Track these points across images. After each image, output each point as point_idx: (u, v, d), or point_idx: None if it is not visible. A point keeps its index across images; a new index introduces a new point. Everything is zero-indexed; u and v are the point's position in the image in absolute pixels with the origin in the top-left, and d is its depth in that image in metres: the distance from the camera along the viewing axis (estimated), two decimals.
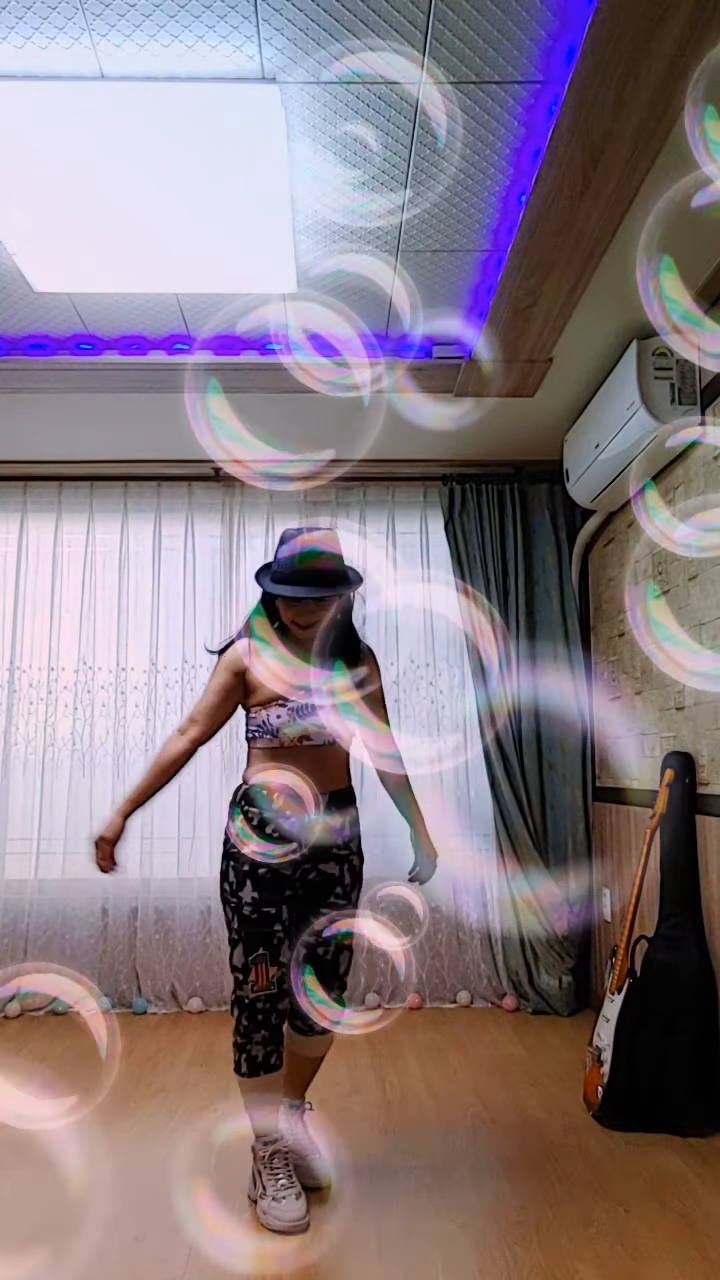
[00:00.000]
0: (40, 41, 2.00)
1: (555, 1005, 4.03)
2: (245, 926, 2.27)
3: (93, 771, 4.24)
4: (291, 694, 2.31)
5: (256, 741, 2.35)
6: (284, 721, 2.31)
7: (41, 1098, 3.05)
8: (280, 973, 2.26)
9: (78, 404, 3.68)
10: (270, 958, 2.25)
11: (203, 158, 2.32)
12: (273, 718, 2.31)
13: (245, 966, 2.25)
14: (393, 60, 2.07)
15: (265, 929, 2.26)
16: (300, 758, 2.31)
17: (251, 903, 2.27)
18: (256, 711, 2.35)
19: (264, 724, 2.32)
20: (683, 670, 3.16)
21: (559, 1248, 2.10)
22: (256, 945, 2.25)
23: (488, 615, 4.19)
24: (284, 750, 2.31)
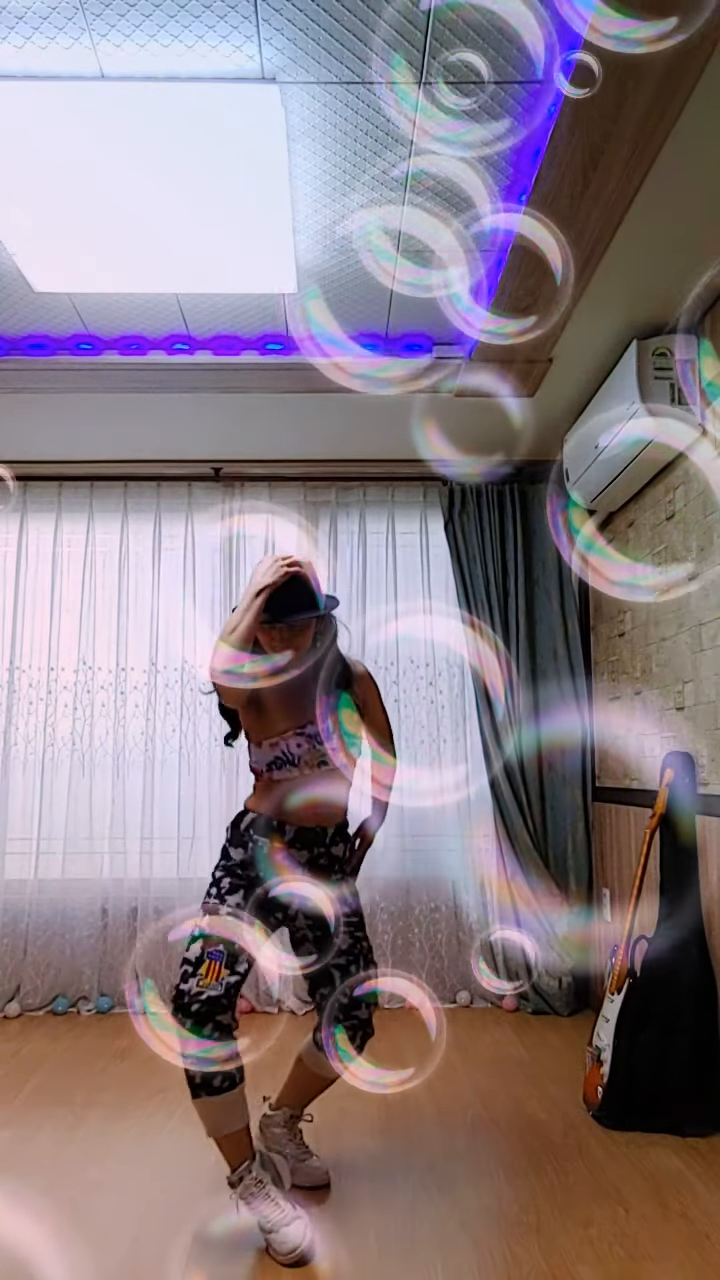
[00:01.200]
0: (40, 41, 2.00)
1: (555, 1005, 4.03)
2: (217, 926, 2.22)
3: (93, 771, 4.24)
4: (313, 715, 2.31)
5: (274, 774, 2.33)
6: (304, 750, 2.31)
7: (41, 1098, 3.05)
8: (233, 981, 2.15)
9: (78, 404, 3.68)
10: (227, 962, 2.16)
11: (203, 158, 2.32)
12: (292, 746, 2.31)
13: (198, 960, 2.16)
14: (393, 60, 2.07)
15: (235, 930, 2.22)
16: (315, 782, 2.32)
17: (235, 907, 2.24)
18: (273, 744, 2.32)
19: (283, 755, 2.31)
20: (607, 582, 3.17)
21: (559, 1248, 2.10)
22: (218, 943, 2.18)
23: (494, 647, 4.18)
24: (301, 779, 2.32)
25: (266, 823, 2.31)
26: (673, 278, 2.86)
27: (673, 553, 3.33)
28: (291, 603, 2.23)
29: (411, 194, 2.53)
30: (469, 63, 2.04)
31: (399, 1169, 2.51)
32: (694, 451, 3.16)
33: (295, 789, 2.31)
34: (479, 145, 2.29)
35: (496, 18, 1.95)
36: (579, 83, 1.98)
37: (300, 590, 2.25)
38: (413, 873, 4.20)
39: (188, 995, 2.14)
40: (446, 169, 2.42)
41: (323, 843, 2.35)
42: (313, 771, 2.32)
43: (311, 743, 2.31)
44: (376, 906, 4.17)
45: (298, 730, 2.31)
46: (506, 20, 1.95)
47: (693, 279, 2.84)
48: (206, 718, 4.27)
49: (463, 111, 2.17)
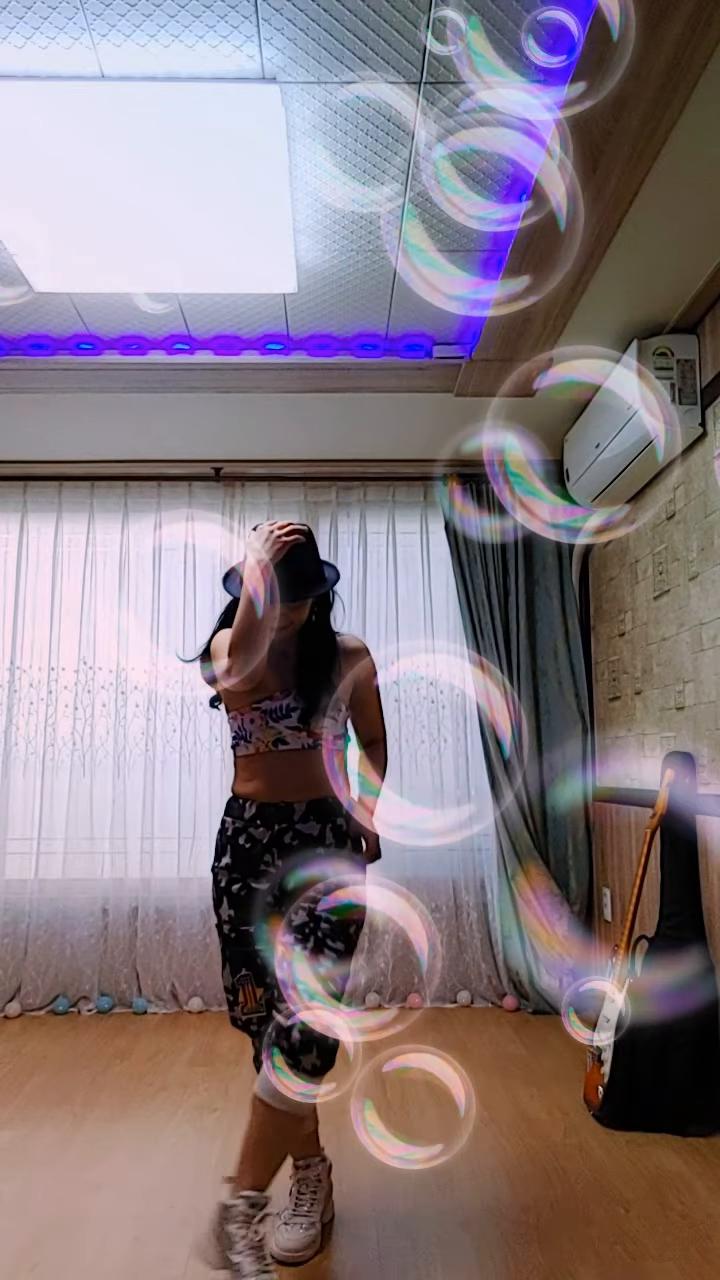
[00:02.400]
0: (40, 41, 2.01)
1: (555, 1005, 4.03)
2: (228, 946, 2.14)
3: (93, 771, 4.24)
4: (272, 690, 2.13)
5: (237, 749, 2.21)
6: (257, 726, 2.14)
7: (41, 1098, 3.05)
8: (269, 994, 2.07)
9: (78, 404, 3.69)
10: (255, 978, 2.09)
11: (203, 158, 2.32)
12: (247, 723, 2.15)
13: (232, 988, 2.13)
14: (393, 59, 2.07)
15: (246, 949, 2.10)
16: (275, 764, 2.14)
17: (230, 922, 2.13)
18: (234, 717, 2.19)
19: (240, 730, 2.17)
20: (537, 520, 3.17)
21: (559, 1248, 2.09)
22: (239, 966, 2.11)
23: (501, 688, 4.17)
24: (259, 757, 2.15)
25: (234, 801, 2.19)
26: (673, 278, 2.86)
27: (673, 552, 3.33)
28: (297, 579, 2.05)
29: (412, 193, 2.53)
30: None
31: (399, 1169, 2.51)
32: (694, 451, 3.16)
33: (252, 766, 2.16)
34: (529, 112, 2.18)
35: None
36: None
37: (304, 562, 2.07)
38: (413, 873, 4.20)
39: (239, 1021, 2.14)
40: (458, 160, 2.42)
41: (288, 819, 2.12)
42: (269, 750, 2.13)
43: (265, 719, 2.13)
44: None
45: (254, 705, 2.13)
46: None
47: (693, 279, 2.84)
48: (207, 718, 4.27)
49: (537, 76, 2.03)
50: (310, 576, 2.09)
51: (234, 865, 2.12)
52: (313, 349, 3.37)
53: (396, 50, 2.04)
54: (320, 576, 2.12)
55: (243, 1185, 1.90)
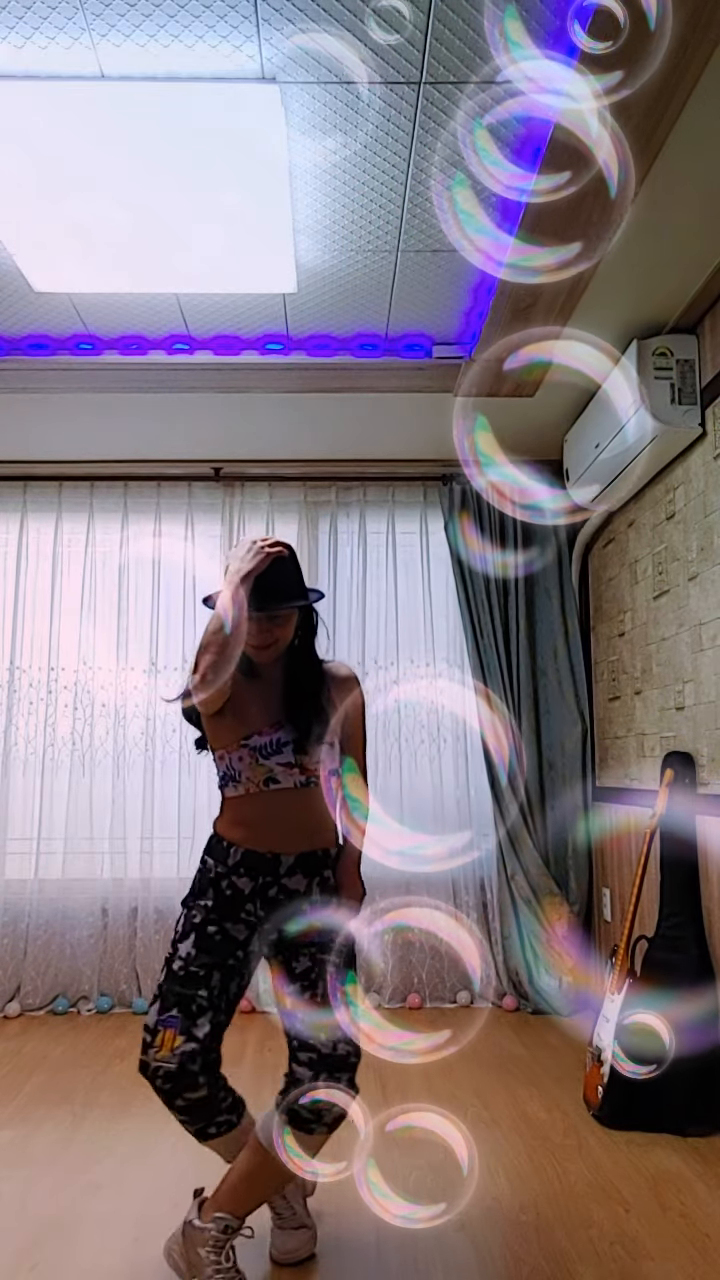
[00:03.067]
0: (40, 41, 2.00)
1: (555, 1005, 4.03)
2: (169, 982, 1.96)
3: (93, 771, 4.24)
4: (260, 726, 2.03)
5: (225, 790, 2.08)
6: (246, 765, 2.03)
7: (41, 1098, 3.05)
8: (189, 1049, 1.88)
9: (78, 404, 3.69)
10: (182, 1027, 1.90)
11: (203, 158, 2.32)
12: (234, 760, 2.04)
13: (152, 1029, 1.93)
14: (393, 59, 2.07)
15: (188, 990, 1.93)
16: (266, 808, 2.02)
17: (184, 959, 1.96)
18: (221, 757, 2.06)
19: (229, 770, 2.05)
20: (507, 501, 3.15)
21: (559, 1248, 2.09)
22: (171, 1007, 1.93)
23: (501, 716, 4.17)
24: (249, 799, 2.03)
25: (216, 842, 2.06)
26: (673, 278, 2.86)
27: (673, 552, 3.33)
28: (276, 590, 1.96)
29: (412, 193, 2.53)
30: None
31: (399, 1169, 2.51)
32: (694, 451, 3.16)
33: (241, 809, 2.04)
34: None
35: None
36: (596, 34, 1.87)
37: (285, 575, 1.99)
38: (413, 873, 4.19)
39: (149, 1069, 1.92)
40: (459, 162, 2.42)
41: (274, 872, 2.01)
42: (259, 790, 2.02)
43: (254, 757, 2.01)
44: (377, 907, 4.17)
45: (242, 742, 2.02)
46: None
47: (693, 279, 2.84)
48: None
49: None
50: (290, 589, 1.99)
51: (214, 908, 2.00)
52: (312, 349, 3.37)
53: (396, 50, 2.04)
54: (300, 591, 2.02)
55: (219, 1208, 1.92)
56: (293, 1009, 1.96)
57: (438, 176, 2.44)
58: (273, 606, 1.96)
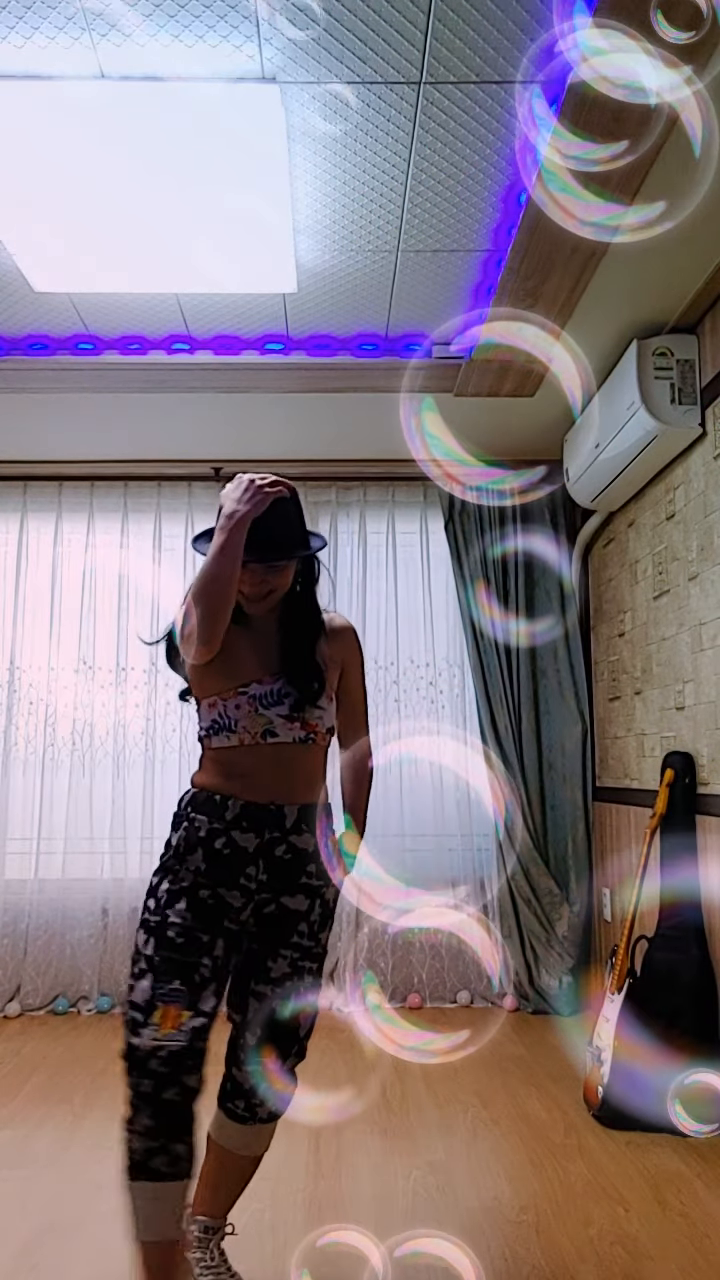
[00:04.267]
0: (40, 41, 2.00)
1: (555, 1005, 4.03)
2: (163, 950, 1.71)
3: (93, 771, 4.24)
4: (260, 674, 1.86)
5: (211, 740, 1.86)
6: (243, 713, 1.83)
7: (41, 1098, 3.05)
8: (198, 1024, 1.68)
9: (78, 404, 3.69)
10: (187, 999, 1.68)
11: (203, 158, 2.32)
12: (230, 708, 1.83)
13: (149, 1004, 1.67)
14: (393, 60, 2.07)
15: (190, 958, 1.71)
16: (263, 759, 1.83)
17: (180, 924, 1.73)
18: (213, 703, 1.85)
19: (220, 718, 1.84)
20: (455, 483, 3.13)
21: (559, 1248, 2.09)
22: (171, 977, 1.68)
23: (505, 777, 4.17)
24: (243, 750, 1.83)
25: (207, 797, 1.82)
26: (673, 278, 2.86)
27: (672, 552, 3.33)
28: (277, 537, 1.78)
29: (412, 193, 2.53)
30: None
31: (399, 1169, 2.51)
32: (694, 451, 3.16)
33: (235, 760, 1.84)
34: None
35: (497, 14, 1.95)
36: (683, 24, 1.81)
37: (287, 520, 1.81)
38: (413, 872, 4.19)
39: (141, 1051, 1.65)
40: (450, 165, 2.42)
41: (280, 825, 1.81)
42: (255, 742, 1.82)
43: (254, 705, 1.82)
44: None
45: (239, 689, 1.83)
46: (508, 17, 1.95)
47: (693, 279, 2.83)
48: None
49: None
50: (291, 537, 1.82)
51: (207, 871, 1.77)
52: (312, 349, 3.37)
53: (396, 50, 2.04)
54: (303, 538, 1.84)
55: (199, 1211, 1.88)
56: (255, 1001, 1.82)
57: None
58: (272, 557, 1.78)
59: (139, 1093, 1.65)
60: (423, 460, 1.73)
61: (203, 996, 1.70)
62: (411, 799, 4.23)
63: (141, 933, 1.75)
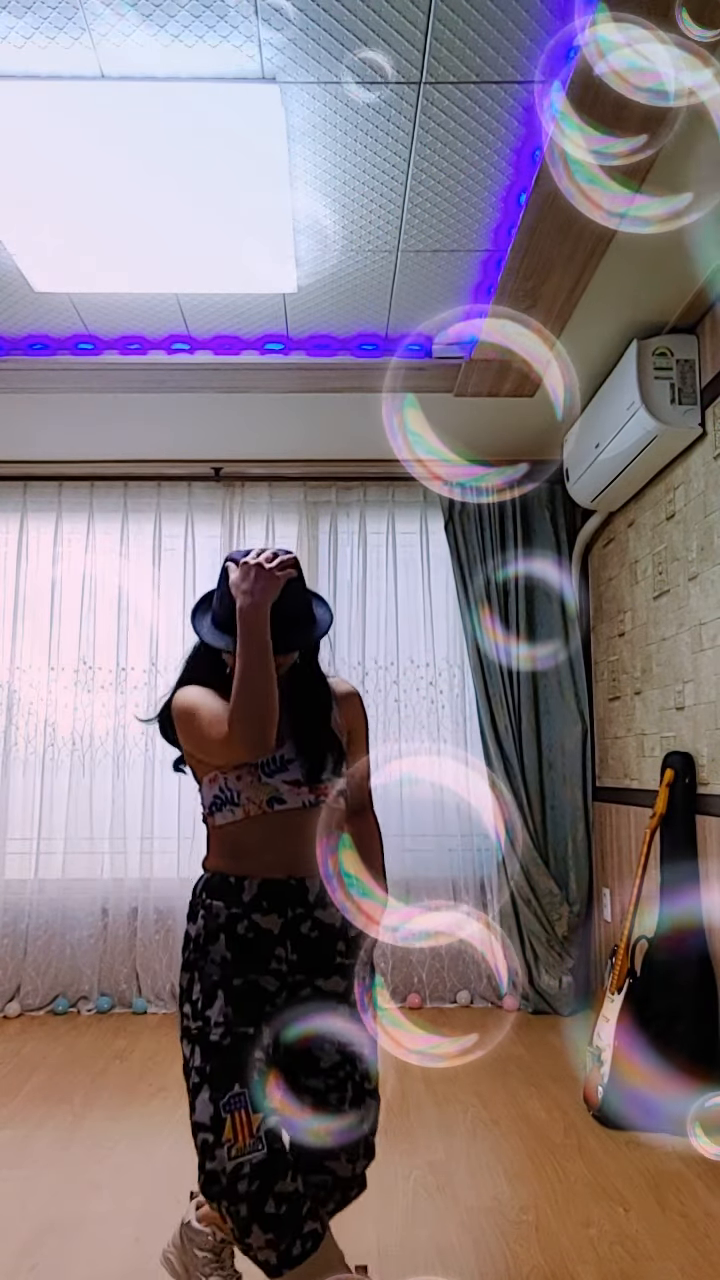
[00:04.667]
0: (40, 41, 2.00)
1: (555, 1005, 4.03)
2: (212, 1058, 1.58)
3: (93, 771, 4.24)
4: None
5: (215, 818, 1.77)
6: (246, 785, 1.74)
7: (41, 1098, 3.05)
8: (272, 1124, 1.57)
9: (78, 404, 3.69)
10: (251, 1100, 1.55)
11: (203, 158, 2.32)
12: (231, 780, 1.74)
13: (215, 1119, 1.54)
14: (393, 60, 2.07)
15: (242, 1057, 1.58)
16: (272, 830, 1.73)
17: (222, 1023, 1.60)
18: (212, 780, 1.77)
19: (222, 792, 1.75)
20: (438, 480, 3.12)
21: (559, 1248, 2.09)
22: (230, 1082, 1.56)
23: (500, 794, 4.16)
24: (249, 823, 1.73)
25: (221, 880, 1.73)
26: (673, 278, 2.86)
27: (672, 553, 3.33)
28: (291, 617, 1.72)
29: (412, 193, 2.53)
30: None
31: (399, 1169, 2.51)
32: (694, 451, 3.16)
33: (242, 836, 1.74)
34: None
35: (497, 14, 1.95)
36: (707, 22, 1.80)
37: (297, 597, 1.75)
38: (413, 872, 4.20)
39: (225, 1175, 1.51)
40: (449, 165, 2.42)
41: (303, 901, 1.72)
42: (261, 813, 1.73)
43: (255, 775, 1.73)
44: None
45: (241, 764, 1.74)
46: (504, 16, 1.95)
47: (693, 279, 2.83)
48: None
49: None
50: (305, 618, 1.76)
51: (233, 961, 1.66)
52: (312, 349, 3.37)
53: (396, 50, 2.04)
54: (312, 616, 1.78)
55: (211, 1217, 1.83)
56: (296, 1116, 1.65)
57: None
58: (297, 644, 1.73)
59: (241, 1218, 1.51)
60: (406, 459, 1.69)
61: (266, 1093, 1.58)
62: (412, 799, 4.23)
63: (185, 1043, 1.64)
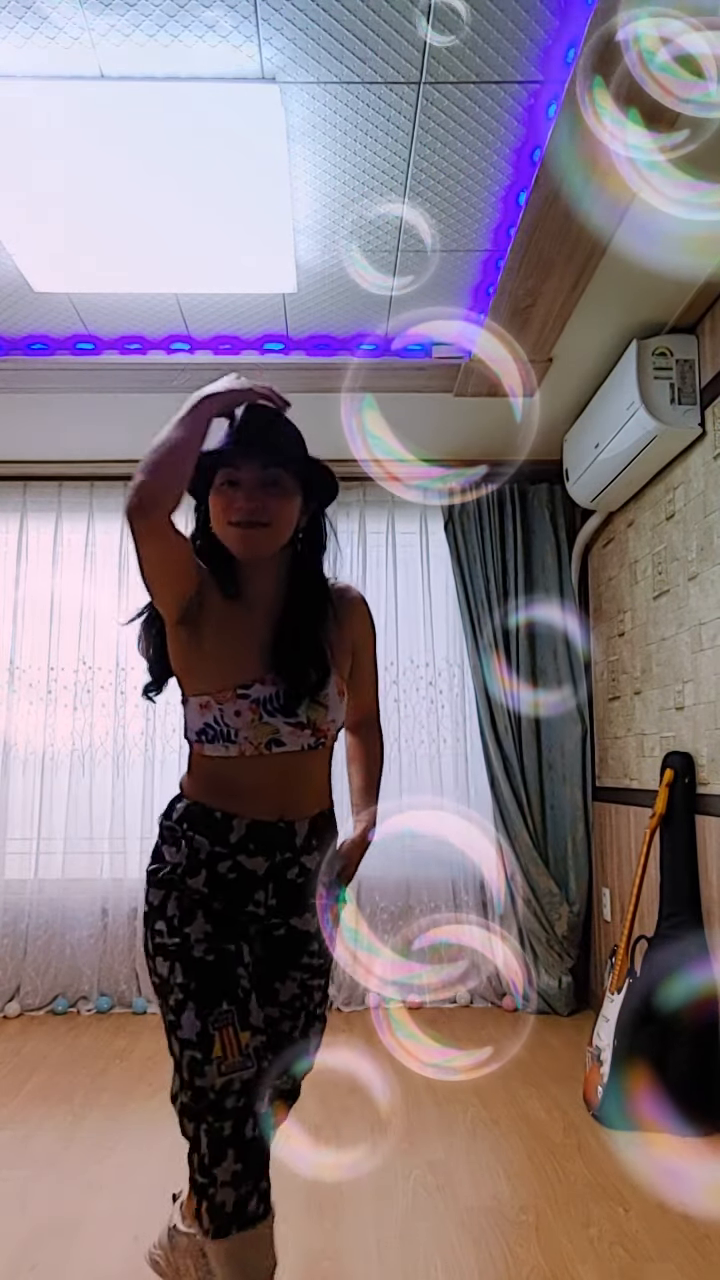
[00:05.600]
0: (40, 41, 2.00)
1: (555, 1005, 4.03)
2: (196, 974, 1.50)
3: (93, 771, 4.24)
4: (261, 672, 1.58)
5: (205, 747, 1.61)
6: (245, 721, 1.56)
7: (41, 1098, 3.05)
8: (259, 1043, 1.50)
9: (78, 404, 3.69)
10: (240, 1018, 1.48)
11: (203, 158, 2.32)
12: (228, 714, 1.57)
13: (203, 1036, 1.46)
14: (393, 60, 2.07)
15: (227, 973, 1.51)
16: (269, 772, 1.59)
17: (204, 939, 1.53)
18: (205, 705, 1.59)
19: (216, 724, 1.57)
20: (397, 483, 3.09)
21: (559, 1248, 2.09)
22: (217, 999, 1.48)
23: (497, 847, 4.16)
24: (244, 762, 1.58)
25: (206, 814, 1.59)
26: (672, 278, 2.86)
27: (672, 553, 3.33)
28: (266, 438, 1.54)
29: (412, 193, 2.53)
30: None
31: (399, 1169, 2.51)
32: (693, 451, 3.16)
33: (234, 774, 1.60)
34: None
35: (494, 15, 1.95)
36: None
37: (283, 431, 1.58)
38: (413, 872, 4.20)
39: (212, 1092, 1.45)
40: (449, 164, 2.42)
41: (290, 845, 1.60)
42: (258, 754, 1.57)
43: (257, 711, 1.56)
44: (377, 907, 4.17)
45: (239, 690, 1.56)
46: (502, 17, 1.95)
47: (693, 279, 2.83)
48: None
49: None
50: (285, 441, 1.59)
51: (212, 893, 1.57)
52: (312, 349, 3.37)
53: (396, 50, 2.04)
54: (298, 445, 1.61)
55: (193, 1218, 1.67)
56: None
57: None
58: (267, 457, 1.52)
59: (220, 1138, 1.44)
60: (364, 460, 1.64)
61: (251, 1011, 1.51)
62: (411, 798, 4.22)
63: (161, 960, 1.53)
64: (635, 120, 2.01)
